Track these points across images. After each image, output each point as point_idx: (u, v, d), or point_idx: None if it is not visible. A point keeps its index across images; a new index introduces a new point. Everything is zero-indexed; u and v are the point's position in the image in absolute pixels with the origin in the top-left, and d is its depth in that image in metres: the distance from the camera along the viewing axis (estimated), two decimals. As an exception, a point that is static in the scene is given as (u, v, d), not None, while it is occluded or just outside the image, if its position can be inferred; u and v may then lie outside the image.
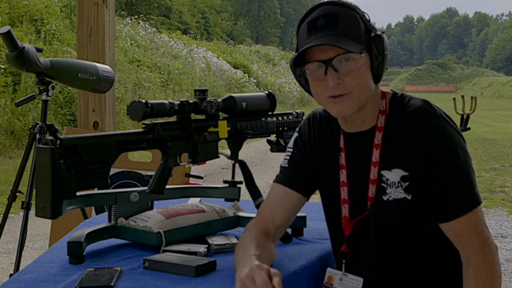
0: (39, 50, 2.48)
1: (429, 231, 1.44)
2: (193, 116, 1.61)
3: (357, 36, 1.37)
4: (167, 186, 1.62)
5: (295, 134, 1.60)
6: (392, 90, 1.51)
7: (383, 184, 1.43)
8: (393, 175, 1.42)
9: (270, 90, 1.84)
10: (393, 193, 1.42)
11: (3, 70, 8.90)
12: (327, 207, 1.57)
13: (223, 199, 1.82)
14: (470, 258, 1.37)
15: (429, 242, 1.45)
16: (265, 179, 7.21)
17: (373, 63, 1.39)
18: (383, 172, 1.43)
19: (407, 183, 1.41)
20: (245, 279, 1.21)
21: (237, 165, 1.76)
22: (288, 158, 1.58)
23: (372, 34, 1.39)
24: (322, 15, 1.38)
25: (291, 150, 1.58)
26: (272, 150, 1.85)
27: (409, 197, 1.41)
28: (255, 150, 10.30)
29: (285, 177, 1.55)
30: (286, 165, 1.57)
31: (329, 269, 1.52)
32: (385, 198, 1.43)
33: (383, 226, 1.44)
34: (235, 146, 1.72)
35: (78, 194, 1.43)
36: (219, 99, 1.64)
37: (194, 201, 1.86)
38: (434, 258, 1.46)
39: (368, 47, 1.38)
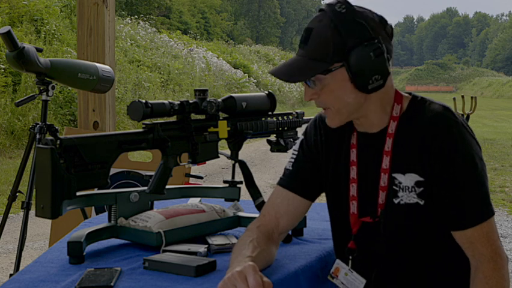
0: (39, 50, 2.48)
1: (439, 238, 1.43)
2: (193, 116, 1.61)
3: (324, 55, 1.33)
4: (167, 186, 1.62)
5: (301, 137, 1.59)
6: (411, 94, 1.48)
7: (394, 187, 1.41)
8: (407, 179, 1.40)
9: (270, 90, 1.84)
10: (405, 197, 1.41)
11: (3, 70, 8.90)
12: (334, 204, 1.55)
13: (223, 199, 1.82)
14: (481, 266, 1.36)
15: (438, 248, 1.44)
16: (265, 179, 7.21)
17: (349, 77, 1.35)
18: (396, 175, 1.41)
19: (422, 188, 1.39)
20: (237, 276, 1.20)
21: (237, 165, 1.76)
22: (292, 160, 1.57)
23: (348, 47, 1.32)
24: (305, 28, 1.38)
25: (296, 153, 1.57)
26: (272, 150, 1.85)
27: (422, 203, 1.40)
28: (255, 150, 10.30)
29: (289, 181, 1.54)
30: (291, 168, 1.56)
31: (337, 261, 1.52)
32: (396, 201, 1.41)
33: (392, 229, 1.43)
34: (235, 146, 1.72)
35: (78, 194, 1.43)
36: (219, 99, 1.64)
37: (194, 201, 1.86)
38: (442, 264, 1.45)
39: (345, 60, 1.33)
